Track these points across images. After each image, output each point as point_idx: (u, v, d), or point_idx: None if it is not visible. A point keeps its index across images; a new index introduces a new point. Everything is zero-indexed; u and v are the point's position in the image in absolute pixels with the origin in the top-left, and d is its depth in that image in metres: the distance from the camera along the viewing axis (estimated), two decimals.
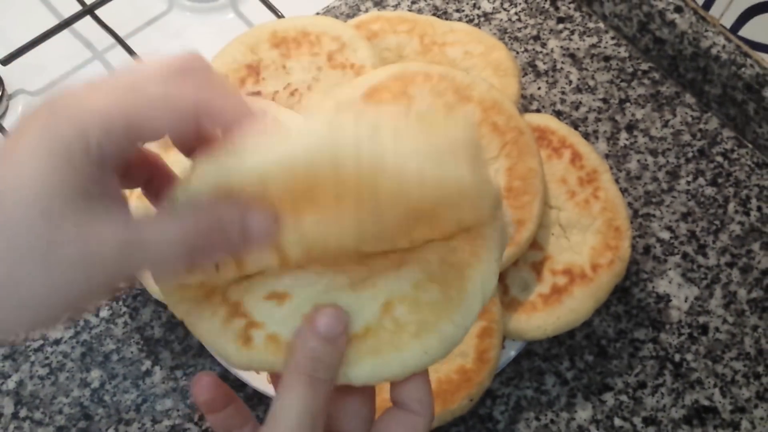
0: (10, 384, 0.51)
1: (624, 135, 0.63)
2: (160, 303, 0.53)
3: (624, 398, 0.53)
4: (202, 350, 0.53)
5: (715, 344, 0.55)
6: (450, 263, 0.29)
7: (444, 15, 0.68)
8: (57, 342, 0.53)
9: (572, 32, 0.68)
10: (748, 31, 0.60)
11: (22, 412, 0.51)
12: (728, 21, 0.61)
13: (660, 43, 0.65)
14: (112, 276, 0.24)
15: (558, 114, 0.64)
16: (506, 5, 0.69)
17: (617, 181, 0.61)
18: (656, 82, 0.66)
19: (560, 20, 0.69)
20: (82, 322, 0.53)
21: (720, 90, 0.63)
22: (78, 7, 0.64)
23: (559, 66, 0.66)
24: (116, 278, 0.24)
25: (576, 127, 0.63)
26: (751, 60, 0.61)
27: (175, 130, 0.26)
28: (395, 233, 0.29)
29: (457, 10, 0.69)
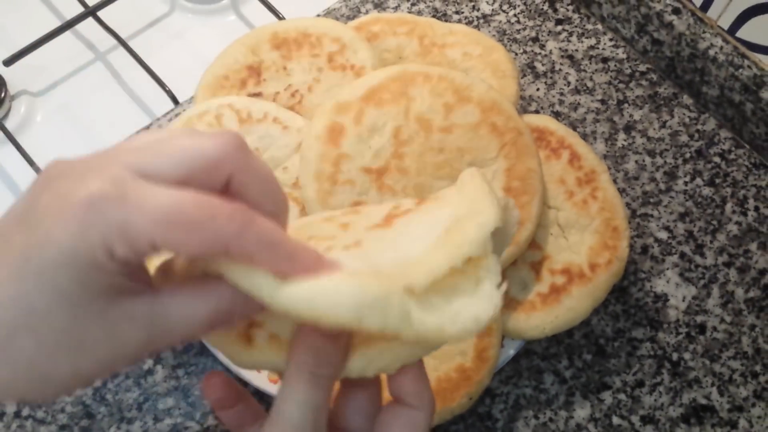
0: None
1: (622, 136, 0.64)
2: None
3: (622, 397, 0.53)
4: (204, 349, 0.53)
5: (713, 343, 0.56)
6: (450, 230, 0.29)
7: (443, 17, 0.69)
8: None
9: (570, 34, 0.69)
10: (745, 32, 0.61)
11: (25, 411, 0.51)
12: (726, 22, 0.62)
13: (658, 45, 0.66)
14: (135, 354, 0.25)
15: (556, 115, 0.64)
16: (505, 7, 0.70)
17: (615, 181, 0.61)
18: (654, 83, 0.67)
19: (559, 22, 0.69)
20: None
21: (717, 91, 0.63)
22: (80, 8, 0.64)
23: (557, 67, 0.67)
24: (140, 355, 0.25)
25: (574, 128, 0.64)
26: (748, 61, 0.61)
27: (193, 170, 0.24)
28: None
29: (457, 12, 0.69)
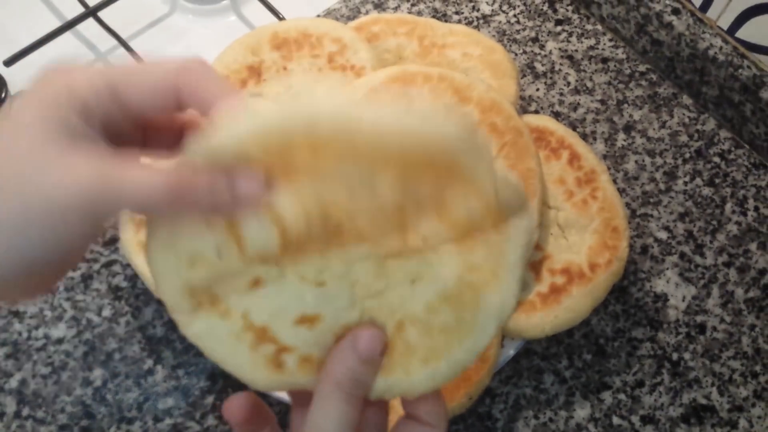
0: (13, 383, 0.51)
1: (622, 136, 0.64)
2: (162, 302, 0.54)
3: (622, 397, 0.53)
4: None
5: (713, 343, 0.56)
6: (468, 283, 0.28)
7: (443, 17, 0.69)
8: (59, 341, 0.53)
9: (570, 34, 0.69)
10: (745, 32, 0.61)
11: (25, 411, 0.51)
12: (725, 23, 0.62)
13: (657, 45, 0.66)
14: (89, 210, 0.24)
15: (556, 115, 0.65)
16: (505, 7, 0.70)
17: (615, 181, 0.61)
18: (654, 84, 0.67)
19: (558, 22, 0.69)
20: (84, 321, 0.54)
21: (717, 91, 0.64)
22: (81, 8, 0.64)
23: (557, 68, 0.67)
24: (93, 213, 0.25)
25: (574, 128, 0.64)
26: (748, 61, 0.61)
27: (155, 98, 0.27)
28: (395, 211, 0.27)
29: (457, 13, 0.69)
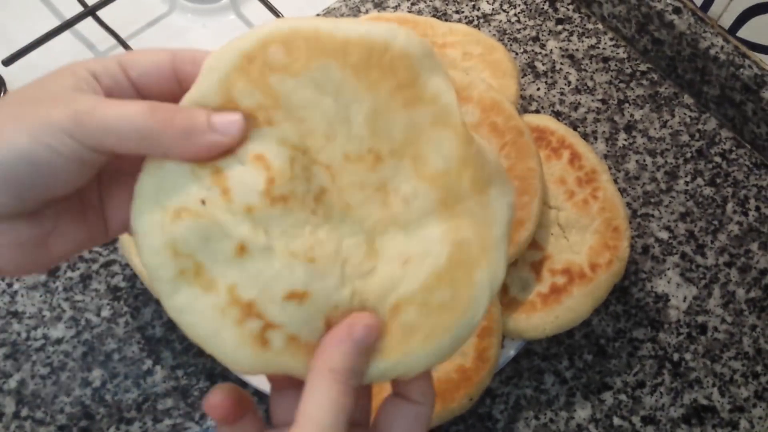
0: (12, 383, 0.51)
1: (623, 135, 0.64)
2: (161, 303, 0.54)
3: (623, 397, 0.53)
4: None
5: (714, 344, 0.55)
6: (458, 260, 0.29)
7: (443, 16, 0.68)
8: (58, 341, 0.53)
9: (571, 33, 0.69)
10: (746, 32, 0.61)
11: (24, 412, 0.51)
12: (726, 22, 0.62)
13: (658, 44, 0.66)
14: (75, 131, 0.26)
15: (557, 114, 0.64)
16: (505, 6, 0.69)
17: (616, 181, 0.61)
18: (655, 83, 0.66)
19: (559, 21, 0.69)
20: (83, 322, 0.53)
21: (718, 91, 0.63)
22: (79, 8, 0.64)
23: (558, 67, 0.67)
24: (81, 134, 0.26)
25: (575, 128, 0.64)
26: (749, 61, 0.61)
27: (157, 69, 0.29)
28: (374, 161, 0.29)
29: (457, 12, 0.69)
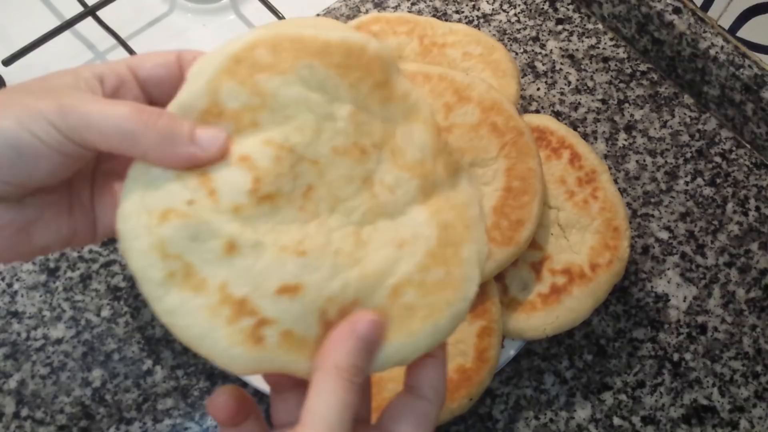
0: (12, 383, 0.51)
1: (623, 135, 0.64)
2: None
3: (623, 397, 0.53)
4: None
5: (714, 344, 0.55)
6: (446, 240, 0.30)
7: (444, 16, 0.68)
8: (58, 341, 0.53)
9: (571, 33, 0.69)
10: (746, 32, 0.61)
11: (24, 412, 0.51)
12: (726, 22, 0.62)
13: (658, 44, 0.66)
14: (60, 123, 0.27)
15: (557, 114, 0.64)
16: (505, 6, 0.69)
17: (616, 181, 0.61)
18: (655, 83, 0.66)
19: (559, 21, 0.69)
20: (83, 322, 0.53)
21: (718, 91, 0.63)
22: (79, 8, 0.64)
23: (558, 67, 0.67)
24: (63, 126, 0.27)
25: (575, 128, 0.64)
26: (749, 61, 0.61)
27: (163, 72, 0.31)
28: (359, 155, 0.30)
29: (457, 12, 0.69)
